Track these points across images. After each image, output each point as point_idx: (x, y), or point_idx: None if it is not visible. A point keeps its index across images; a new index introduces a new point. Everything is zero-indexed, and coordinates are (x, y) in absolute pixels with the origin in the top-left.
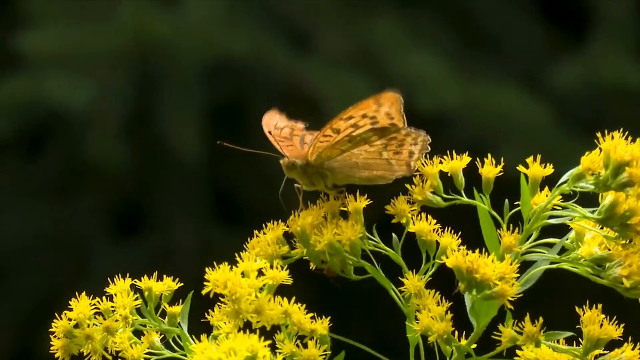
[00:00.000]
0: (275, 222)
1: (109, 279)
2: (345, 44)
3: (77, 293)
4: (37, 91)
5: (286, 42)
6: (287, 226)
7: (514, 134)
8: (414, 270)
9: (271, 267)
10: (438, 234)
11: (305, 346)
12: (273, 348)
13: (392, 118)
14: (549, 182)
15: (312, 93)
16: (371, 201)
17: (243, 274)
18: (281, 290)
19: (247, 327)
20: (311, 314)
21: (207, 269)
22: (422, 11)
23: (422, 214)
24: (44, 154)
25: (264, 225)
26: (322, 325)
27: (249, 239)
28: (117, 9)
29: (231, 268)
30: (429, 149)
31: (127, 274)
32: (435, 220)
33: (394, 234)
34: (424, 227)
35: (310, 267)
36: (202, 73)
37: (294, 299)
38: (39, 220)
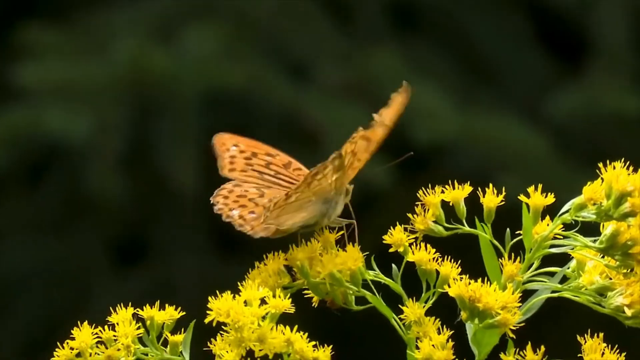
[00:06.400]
0: (276, 253)
1: (110, 309)
2: (343, 76)
3: (79, 323)
4: (35, 123)
5: (285, 74)
6: (286, 259)
7: (513, 163)
8: (414, 298)
9: (274, 296)
10: (438, 263)
11: None
12: None
13: None
14: (549, 212)
15: (310, 124)
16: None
17: (246, 303)
18: (283, 319)
19: (249, 356)
20: (313, 342)
21: (209, 298)
22: (421, 42)
23: (422, 243)
24: (42, 187)
25: (264, 256)
26: (324, 354)
27: (250, 269)
28: (115, 42)
29: (234, 297)
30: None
31: (129, 305)
32: (434, 250)
33: (393, 264)
34: (423, 256)
35: (313, 304)
36: (200, 106)
37: (296, 327)
38: (38, 252)
